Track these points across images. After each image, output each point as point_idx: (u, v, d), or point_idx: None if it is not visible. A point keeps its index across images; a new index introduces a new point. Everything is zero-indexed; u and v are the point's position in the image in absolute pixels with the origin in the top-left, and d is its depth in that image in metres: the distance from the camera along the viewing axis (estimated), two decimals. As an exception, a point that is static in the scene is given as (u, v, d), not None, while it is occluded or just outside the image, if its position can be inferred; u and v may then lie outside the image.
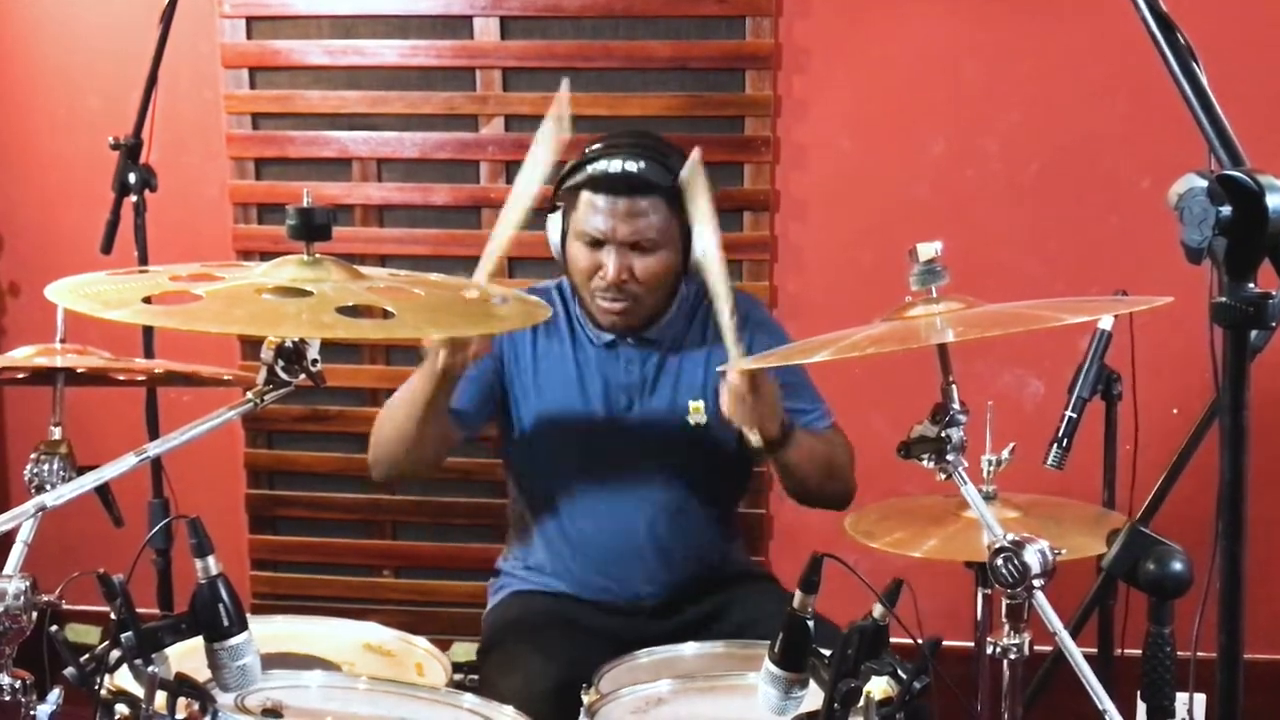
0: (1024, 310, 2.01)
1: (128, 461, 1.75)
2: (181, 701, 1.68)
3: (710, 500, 2.70)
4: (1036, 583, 1.77)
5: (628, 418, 2.64)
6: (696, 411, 2.63)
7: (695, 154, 2.35)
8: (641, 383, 2.64)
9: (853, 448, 2.72)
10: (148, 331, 2.92)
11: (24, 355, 2.20)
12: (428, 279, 1.96)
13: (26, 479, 2.09)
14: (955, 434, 1.88)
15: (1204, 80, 1.38)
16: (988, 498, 2.30)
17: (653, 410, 2.65)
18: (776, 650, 1.79)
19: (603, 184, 2.50)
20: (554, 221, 2.61)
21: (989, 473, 2.35)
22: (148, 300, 1.72)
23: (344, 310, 1.67)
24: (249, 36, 3.73)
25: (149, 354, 2.92)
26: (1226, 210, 1.27)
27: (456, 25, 3.67)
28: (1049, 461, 2.71)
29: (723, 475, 2.73)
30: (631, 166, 2.49)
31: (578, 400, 2.65)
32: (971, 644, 2.41)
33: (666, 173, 2.48)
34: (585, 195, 2.52)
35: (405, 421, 2.54)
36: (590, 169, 2.52)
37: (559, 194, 2.58)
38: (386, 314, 1.72)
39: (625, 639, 2.41)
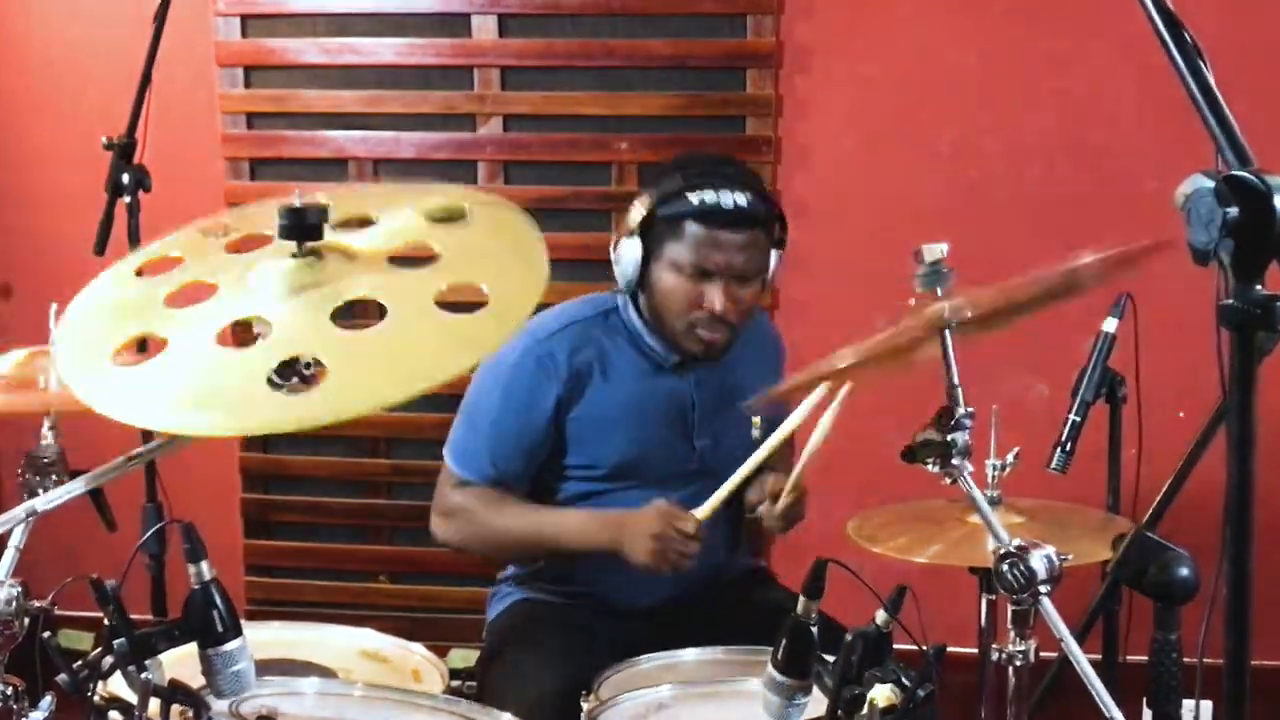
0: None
1: (121, 465, 1.75)
2: (175, 709, 1.68)
3: (733, 505, 2.69)
4: (1042, 588, 1.77)
5: (698, 439, 2.64)
6: (757, 426, 2.62)
7: None
8: (716, 403, 2.64)
9: None
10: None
11: (15, 362, 2.19)
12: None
13: (18, 483, 2.09)
14: (960, 438, 1.88)
15: (1211, 79, 1.38)
16: (992, 502, 2.30)
17: (727, 428, 2.64)
18: (779, 656, 1.79)
19: (716, 218, 2.46)
20: (632, 247, 2.52)
21: (994, 477, 2.36)
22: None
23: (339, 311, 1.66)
24: (244, 35, 3.73)
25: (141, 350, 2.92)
26: (1234, 211, 1.27)
27: (454, 23, 3.68)
28: (1053, 466, 2.71)
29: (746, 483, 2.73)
30: (741, 200, 2.47)
31: (651, 425, 2.62)
32: (976, 651, 2.41)
33: (768, 206, 2.54)
34: (692, 227, 2.47)
35: (524, 558, 2.71)
36: (696, 200, 2.47)
37: (654, 222, 2.50)
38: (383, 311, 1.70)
39: (628, 643, 2.41)
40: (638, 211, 2.51)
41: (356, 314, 1.63)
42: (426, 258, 1.66)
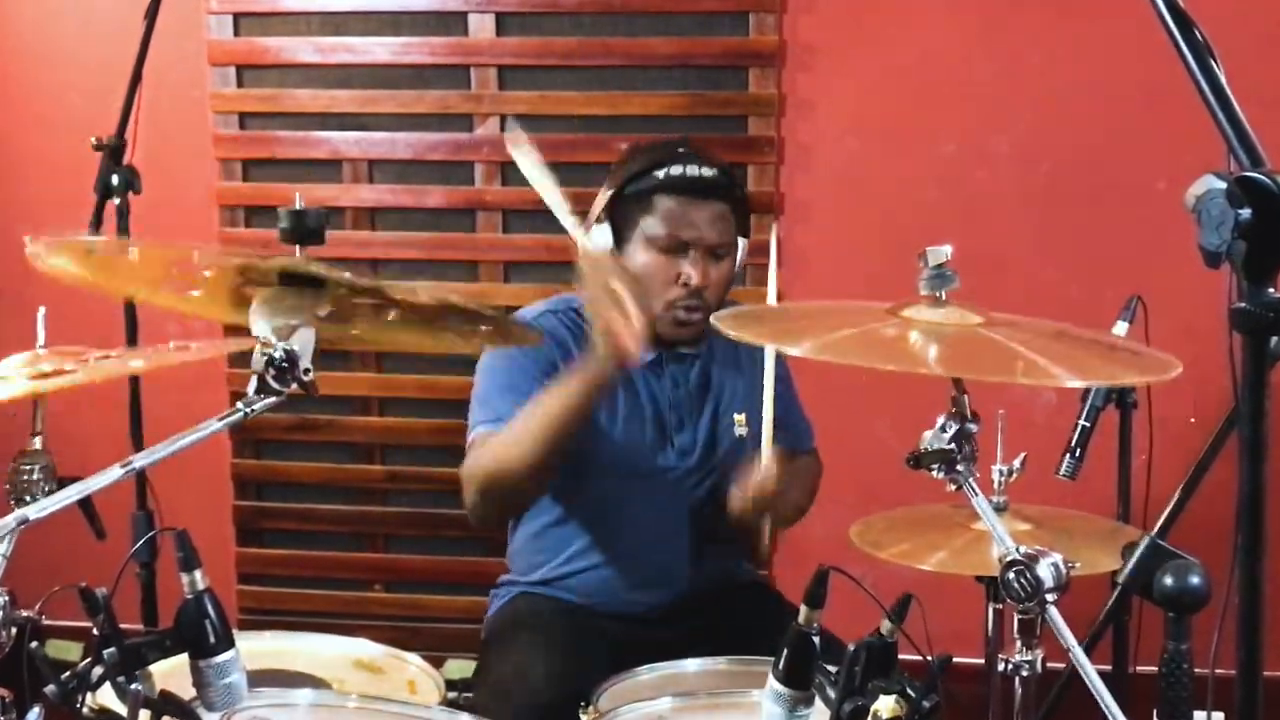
0: (1023, 353, 1.98)
1: (113, 473, 1.74)
2: (166, 720, 1.68)
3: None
4: (1050, 597, 1.77)
5: (677, 435, 2.65)
6: (740, 424, 2.66)
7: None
8: (688, 399, 2.65)
9: (819, 473, 2.82)
10: (131, 328, 2.93)
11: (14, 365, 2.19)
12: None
13: (7, 490, 2.09)
14: (966, 444, 1.88)
15: (1222, 78, 1.38)
16: (999, 509, 2.30)
17: (701, 426, 2.67)
18: (781, 667, 1.79)
19: (687, 188, 2.50)
20: (602, 233, 2.55)
21: (1000, 483, 2.35)
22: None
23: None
24: (236, 33, 3.74)
25: (130, 325, 2.93)
26: (1246, 213, 1.27)
27: (451, 21, 3.68)
28: (1062, 472, 2.71)
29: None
30: (709, 171, 2.52)
31: (625, 420, 2.62)
32: (982, 661, 2.41)
33: (731, 179, 2.59)
34: (663, 200, 2.51)
35: (550, 443, 2.39)
36: (663, 174, 2.51)
37: (618, 203, 2.54)
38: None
39: (627, 651, 2.41)
40: (603, 197, 2.55)
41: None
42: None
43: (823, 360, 1.83)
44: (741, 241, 2.60)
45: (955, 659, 1.73)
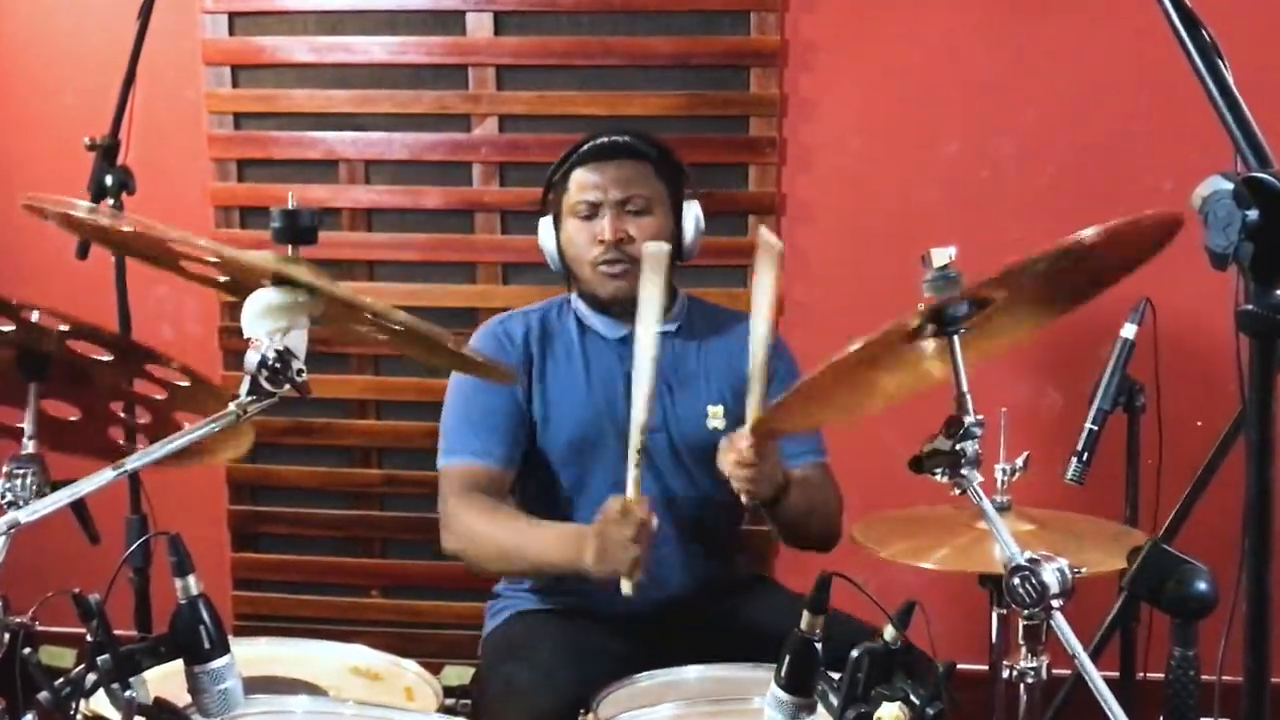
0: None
1: (105, 476, 1.75)
2: (160, 728, 1.68)
3: (723, 506, 2.70)
4: (1055, 603, 1.76)
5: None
6: (715, 416, 2.69)
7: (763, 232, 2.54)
8: (661, 385, 2.64)
9: (840, 491, 2.76)
10: (124, 325, 2.95)
11: None
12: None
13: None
14: (970, 448, 1.88)
15: (1229, 78, 1.38)
16: (1002, 509, 2.30)
17: (672, 410, 2.69)
18: (783, 674, 1.79)
19: (590, 154, 2.72)
20: (546, 225, 2.77)
21: (1003, 482, 2.36)
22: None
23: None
24: (231, 32, 3.74)
25: (124, 328, 2.94)
26: (1253, 214, 1.27)
27: (448, 20, 3.68)
28: (1069, 476, 2.71)
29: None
30: (618, 138, 2.74)
31: (594, 400, 2.70)
32: (987, 667, 2.41)
33: (651, 145, 2.75)
34: (575, 174, 2.72)
35: (519, 574, 2.74)
36: (580, 151, 2.73)
37: (549, 194, 2.77)
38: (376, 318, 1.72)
39: (626, 657, 2.41)
40: (544, 191, 2.77)
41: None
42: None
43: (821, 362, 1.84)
44: (692, 205, 2.74)
45: (960, 665, 1.73)
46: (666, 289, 2.54)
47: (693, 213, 2.74)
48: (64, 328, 2.13)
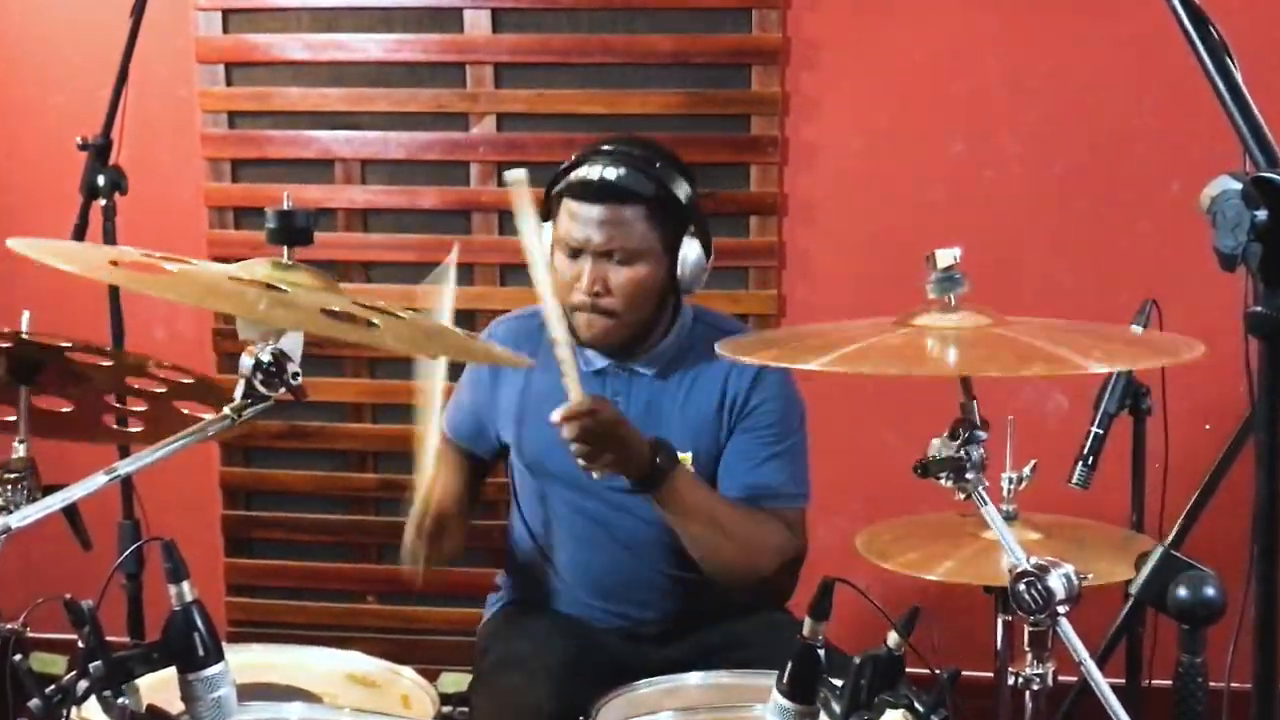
0: (1042, 346, 1.99)
1: (97, 481, 1.75)
2: (153, 735, 1.68)
3: None
4: (1061, 609, 1.77)
5: None
6: (685, 463, 2.56)
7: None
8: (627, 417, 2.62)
9: (796, 543, 2.60)
10: (117, 335, 2.94)
11: None
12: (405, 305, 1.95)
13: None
14: (975, 452, 1.88)
15: (1238, 77, 1.38)
16: (1008, 517, 2.30)
17: None
18: (785, 681, 1.79)
19: (579, 191, 2.52)
20: (546, 232, 2.59)
21: (1009, 491, 2.35)
22: (114, 264, 1.72)
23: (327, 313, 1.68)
24: (225, 30, 3.74)
25: (117, 330, 2.94)
26: (1262, 214, 1.27)
27: (445, 18, 3.68)
28: (1074, 481, 2.70)
29: None
30: (610, 174, 2.50)
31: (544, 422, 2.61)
32: (992, 674, 2.41)
33: (648, 181, 2.52)
34: (566, 202, 2.54)
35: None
36: (572, 175, 2.54)
37: (548, 202, 2.59)
38: (371, 323, 1.72)
39: (626, 666, 2.42)
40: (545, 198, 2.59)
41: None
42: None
43: (831, 370, 1.83)
44: (691, 243, 2.54)
45: (964, 672, 1.73)
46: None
47: (692, 253, 2.54)
48: (63, 344, 2.14)
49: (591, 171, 2.51)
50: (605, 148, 2.58)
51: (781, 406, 2.62)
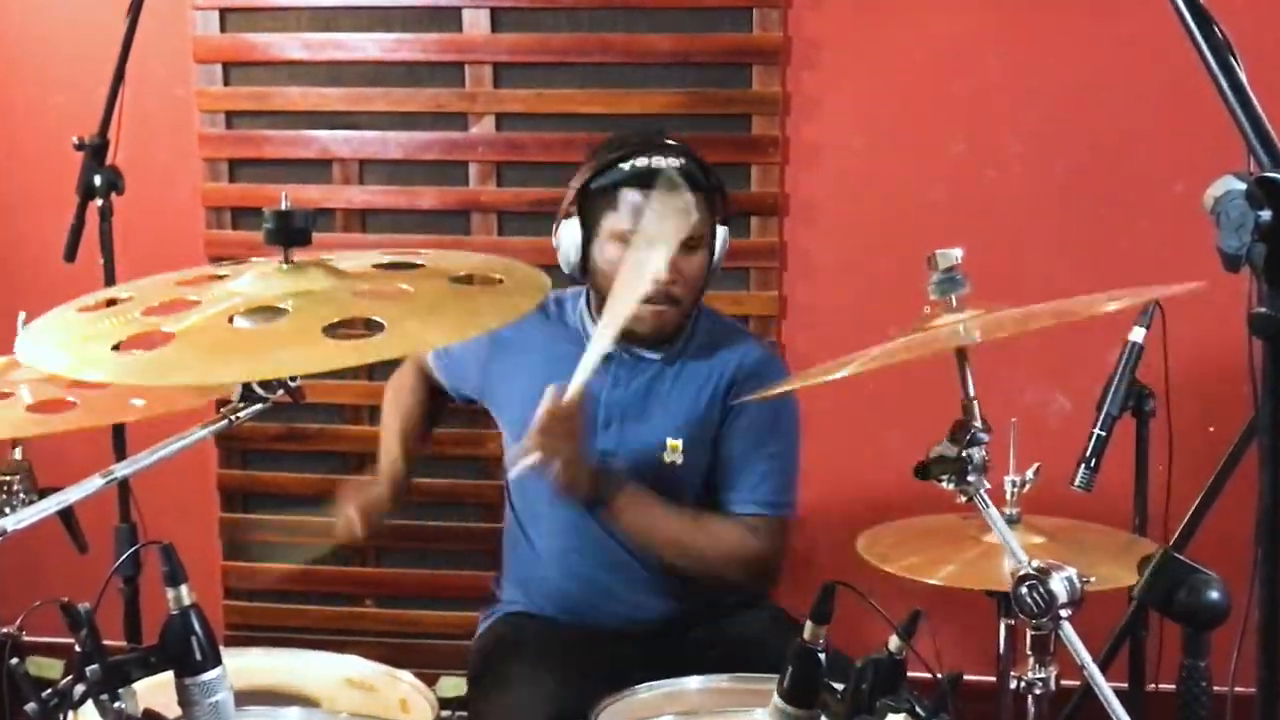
0: (1054, 307, 2.01)
1: (94, 483, 1.74)
2: (149, 740, 1.68)
3: None
4: (1063, 613, 1.77)
5: (604, 434, 2.64)
6: (673, 450, 2.63)
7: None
8: (625, 404, 2.64)
9: (759, 549, 2.63)
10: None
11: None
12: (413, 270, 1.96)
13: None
14: (977, 454, 1.88)
15: (1243, 76, 1.38)
16: (1011, 521, 2.30)
17: (630, 436, 2.65)
18: (785, 685, 1.78)
19: (649, 180, 2.52)
20: (571, 230, 2.61)
21: (1012, 494, 2.36)
22: (116, 348, 1.71)
23: (330, 329, 1.68)
24: (223, 29, 3.74)
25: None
26: (1266, 215, 1.27)
27: (444, 17, 3.68)
28: (1076, 483, 2.70)
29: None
30: (674, 162, 2.55)
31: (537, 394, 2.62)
32: (994, 678, 2.41)
33: (701, 170, 2.58)
34: (627, 194, 2.54)
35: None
36: (628, 166, 2.55)
37: (584, 197, 2.59)
38: (370, 324, 1.72)
39: (624, 668, 2.42)
40: (572, 191, 2.59)
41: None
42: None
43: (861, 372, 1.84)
44: (722, 230, 2.63)
45: (966, 676, 1.73)
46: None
47: (722, 238, 2.64)
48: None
49: (654, 161, 2.54)
50: (641, 139, 2.61)
51: (774, 411, 2.64)
